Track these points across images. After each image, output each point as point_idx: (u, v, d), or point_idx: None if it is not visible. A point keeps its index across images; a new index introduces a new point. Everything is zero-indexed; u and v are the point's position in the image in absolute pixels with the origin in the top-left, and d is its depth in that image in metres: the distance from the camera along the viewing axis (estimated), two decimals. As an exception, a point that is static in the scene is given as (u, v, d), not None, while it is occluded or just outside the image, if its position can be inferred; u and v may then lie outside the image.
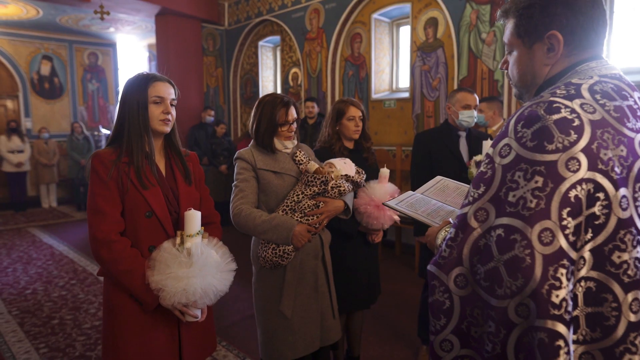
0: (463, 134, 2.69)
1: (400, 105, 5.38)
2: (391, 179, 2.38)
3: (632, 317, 0.79)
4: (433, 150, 2.67)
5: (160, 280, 1.38)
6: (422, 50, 5.05)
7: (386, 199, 2.18)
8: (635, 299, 0.79)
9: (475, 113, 2.60)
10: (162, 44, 7.16)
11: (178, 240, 1.45)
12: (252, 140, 2.02)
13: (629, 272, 0.79)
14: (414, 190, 1.83)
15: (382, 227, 2.31)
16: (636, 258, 0.80)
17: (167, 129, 1.57)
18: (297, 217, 1.90)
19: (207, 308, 1.62)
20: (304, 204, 1.91)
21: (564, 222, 0.77)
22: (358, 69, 5.80)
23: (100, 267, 1.52)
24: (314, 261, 2.01)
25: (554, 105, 0.83)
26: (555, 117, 0.81)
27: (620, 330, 0.78)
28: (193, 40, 7.32)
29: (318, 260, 2.03)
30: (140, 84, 1.51)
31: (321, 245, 2.04)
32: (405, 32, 5.68)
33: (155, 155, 1.58)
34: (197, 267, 1.39)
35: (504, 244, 0.79)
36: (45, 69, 9.17)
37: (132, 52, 9.92)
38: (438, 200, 1.43)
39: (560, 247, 0.76)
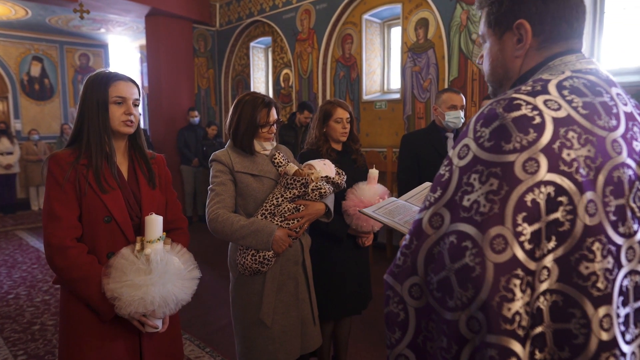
0: (450, 135, 2.65)
1: (391, 107, 5.34)
2: (382, 181, 2.33)
3: (604, 336, 0.70)
4: (420, 152, 2.62)
5: (115, 288, 1.31)
6: (413, 51, 5.01)
7: (375, 200, 2.12)
8: (606, 315, 0.70)
9: (461, 114, 2.57)
10: (152, 45, 7.08)
11: (138, 246, 1.38)
12: (229, 141, 1.95)
13: (599, 284, 0.70)
14: (400, 195, 1.76)
15: (372, 230, 2.25)
16: (606, 269, 0.71)
17: (130, 130, 1.50)
18: (277, 221, 1.83)
19: (174, 316, 1.55)
20: (284, 208, 1.84)
21: (519, 229, 0.69)
22: (349, 70, 5.75)
23: (55, 275, 1.44)
24: (294, 267, 1.94)
25: (515, 102, 0.76)
26: (514, 114, 0.74)
27: (591, 349, 0.70)
28: (184, 41, 7.24)
29: (298, 265, 1.96)
30: (101, 82, 1.44)
31: (301, 250, 1.98)
32: (396, 33, 5.64)
33: (118, 157, 1.51)
34: (156, 275, 1.32)
35: (456, 252, 0.73)
36: (36, 70, 9.10)
37: (124, 53, 9.85)
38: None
39: (514, 256, 0.69)
